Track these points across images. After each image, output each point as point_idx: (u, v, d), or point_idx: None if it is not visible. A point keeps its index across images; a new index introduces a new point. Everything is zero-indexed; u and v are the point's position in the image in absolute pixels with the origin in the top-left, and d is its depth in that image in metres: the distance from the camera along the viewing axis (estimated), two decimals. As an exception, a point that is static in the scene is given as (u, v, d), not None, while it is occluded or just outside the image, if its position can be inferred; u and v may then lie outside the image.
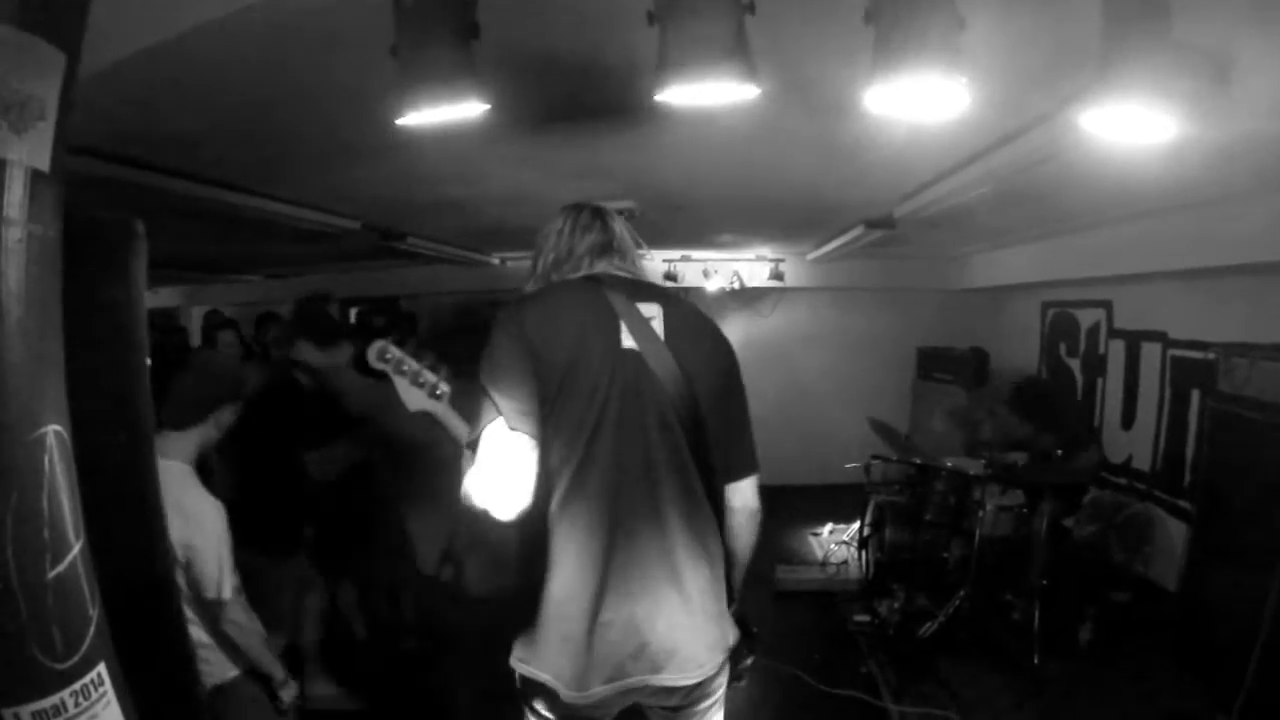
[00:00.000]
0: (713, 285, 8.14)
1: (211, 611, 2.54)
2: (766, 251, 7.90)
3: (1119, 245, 5.15)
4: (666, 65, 1.70)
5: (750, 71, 1.72)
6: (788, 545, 6.48)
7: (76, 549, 1.19)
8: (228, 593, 2.53)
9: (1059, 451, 4.80)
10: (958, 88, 1.71)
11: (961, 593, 4.61)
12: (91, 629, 1.21)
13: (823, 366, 7.51)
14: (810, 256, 7.69)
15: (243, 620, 2.60)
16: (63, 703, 1.15)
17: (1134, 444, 5.64)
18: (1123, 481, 5.68)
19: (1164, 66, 1.69)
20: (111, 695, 1.23)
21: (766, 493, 2.00)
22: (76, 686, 1.17)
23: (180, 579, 2.41)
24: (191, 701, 1.80)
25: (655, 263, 8.00)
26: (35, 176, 1.11)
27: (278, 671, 2.76)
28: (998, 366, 6.97)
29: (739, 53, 1.70)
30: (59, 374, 1.19)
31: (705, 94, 1.77)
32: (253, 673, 2.73)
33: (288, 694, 2.79)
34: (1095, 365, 6.20)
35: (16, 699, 1.11)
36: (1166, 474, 5.29)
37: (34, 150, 1.11)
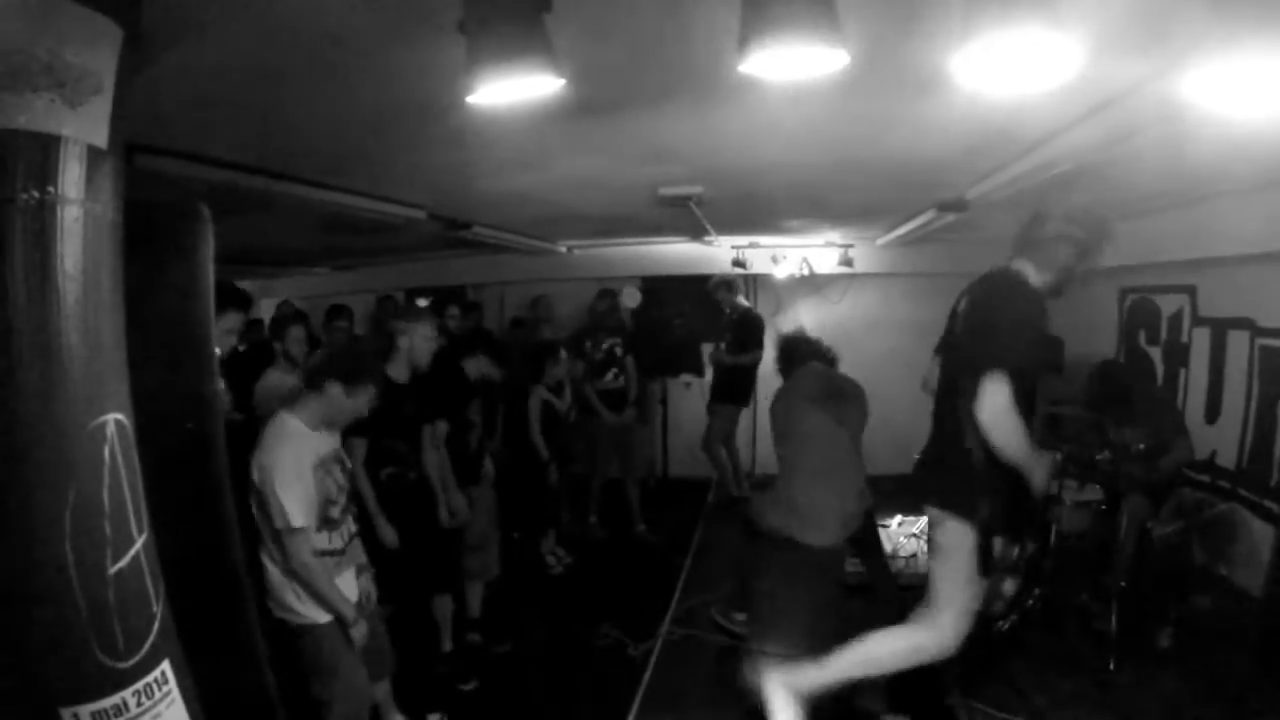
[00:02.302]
0: (781, 272, 8.07)
1: (281, 544, 2.76)
2: (835, 237, 7.78)
3: (1203, 227, 4.90)
4: (750, 33, 1.59)
5: (839, 37, 1.60)
6: (855, 537, 6.30)
7: (140, 543, 1.14)
8: (295, 521, 2.72)
9: (1140, 446, 4.58)
10: (1060, 47, 1.58)
11: (1035, 591, 4.45)
12: (155, 626, 1.16)
13: (893, 354, 7.33)
14: (880, 241, 7.55)
15: (307, 559, 2.81)
16: (124, 703, 1.11)
17: (1219, 439, 5.38)
18: (1206, 479, 5.42)
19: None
20: (176, 694, 1.19)
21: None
22: (139, 686, 1.13)
23: (257, 513, 2.73)
24: (262, 694, 1.77)
25: (723, 249, 7.91)
26: (92, 153, 1.07)
27: (347, 611, 2.95)
28: (1073, 354, 6.72)
29: (827, 16, 1.59)
30: (120, 360, 1.15)
31: (792, 63, 1.66)
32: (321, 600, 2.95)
33: (357, 634, 2.99)
34: (1177, 355, 5.94)
35: (76, 699, 1.07)
36: (1253, 472, 5.04)
37: (90, 126, 1.06)
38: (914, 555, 5.60)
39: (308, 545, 2.82)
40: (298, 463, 2.82)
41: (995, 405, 2.83)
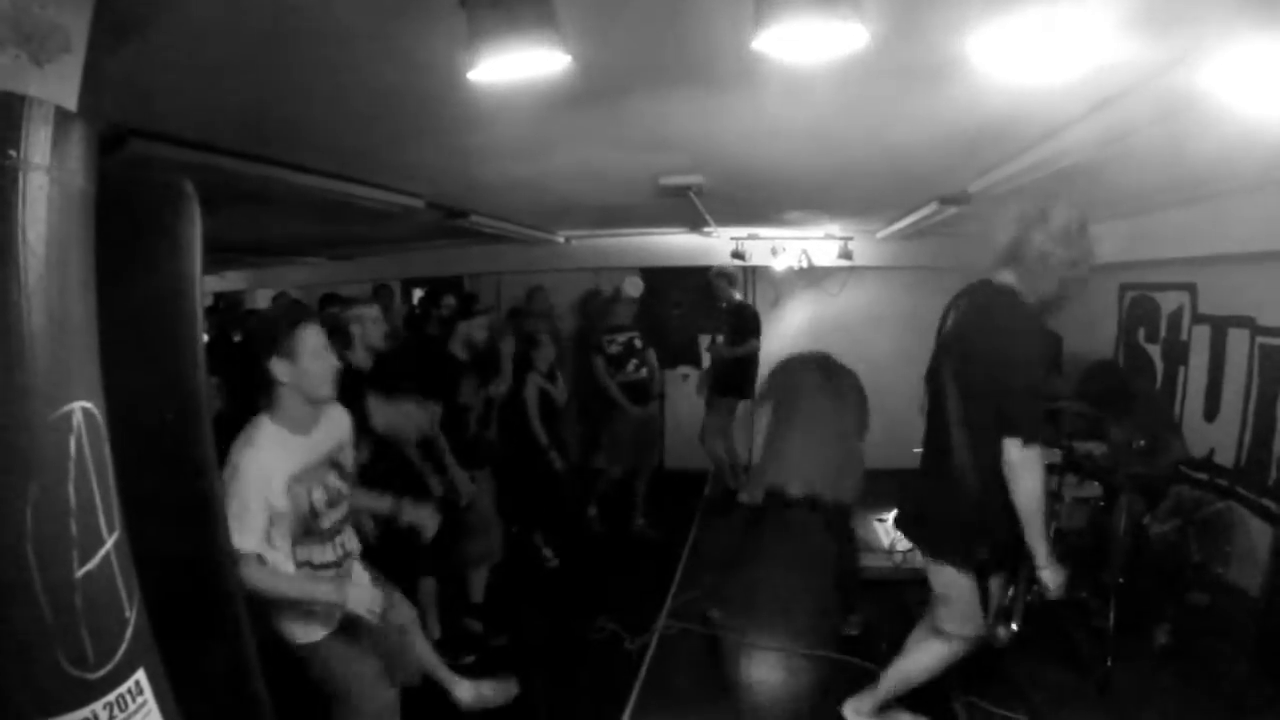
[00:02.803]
0: (780, 264, 8.02)
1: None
2: (835, 230, 7.72)
3: (1204, 224, 4.86)
4: (767, 7, 1.52)
5: (857, 12, 1.53)
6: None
7: (110, 543, 1.05)
8: (240, 544, 2.30)
9: (1141, 443, 4.54)
10: (1072, 34, 1.53)
11: (1034, 588, 4.40)
12: (128, 632, 1.07)
13: (892, 348, 7.32)
14: (880, 235, 7.51)
15: (259, 580, 2.42)
16: (94, 716, 1.01)
17: (1217, 437, 5.34)
18: (1204, 477, 5.39)
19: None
20: (152, 705, 1.10)
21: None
22: (111, 697, 1.04)
23: None
24: (252, 703, 1.68)
25: (722, 240, 7.85)
26: (60, 115, 0.97)
27: (328, 593, 2.64)
28: (1072, 351, 6.69)
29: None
30: (90, 343, 1.05)
31: (808, 39, 1.59)
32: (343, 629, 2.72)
33: (355, 601, 2.64)
34: (1177, 352, 5.90)
35: (41, 713, 0.96)
36: (1252, 470, 5.01)
37: (59, 85, 0.97)
38: (911, 550, 5.56)
39: (255, 571, 2.42)
40: (260, 475, 2.48)
41: (1024, 461, 2.74)
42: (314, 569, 2.73)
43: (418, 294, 9.56)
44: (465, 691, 3.56)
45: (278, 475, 2.55)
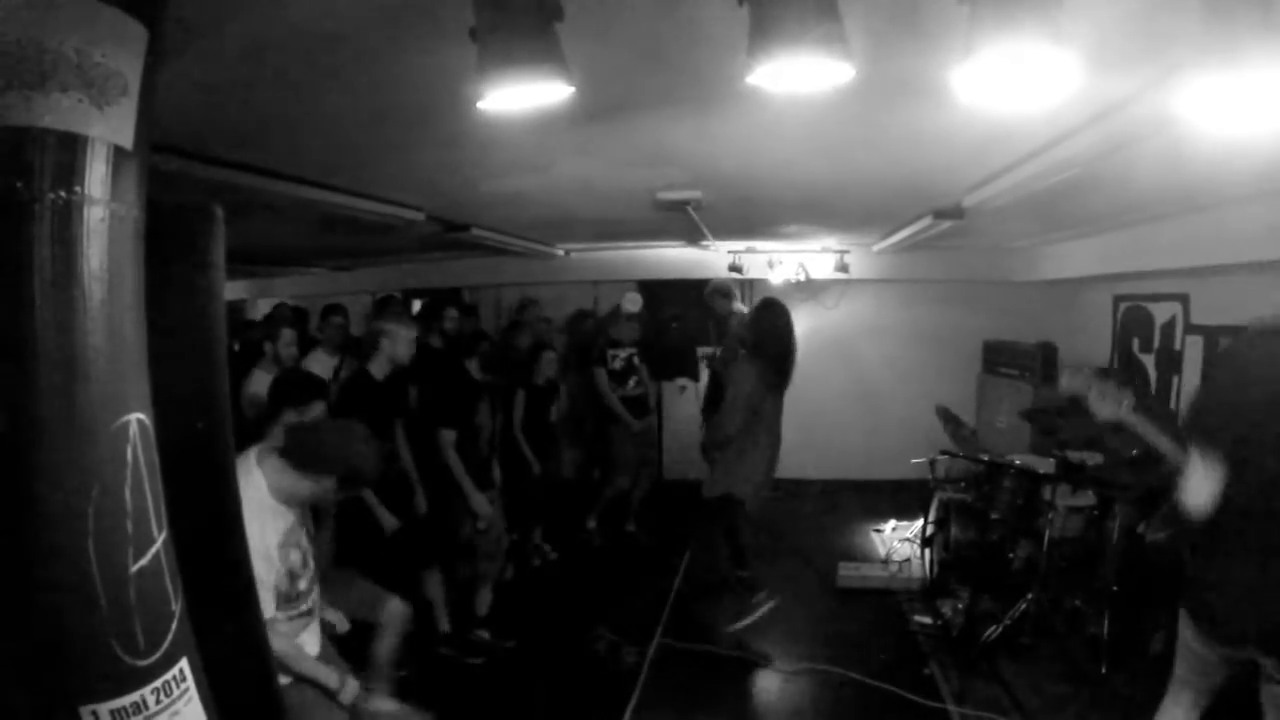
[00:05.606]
0: (777, 277, 8.07)
1: None
2: (832, 243, 7.78)
3: (1197, 235, 4.92)
4: (758, 46, 1.61)
5: (846, 50, 1.62)
6: (850, 541, 6.42)
7: (160, 542, 1.15)
8: (265, 611, 2.27)
9: (1134, 452, 4.60)
10: (1058, 61, 1.60)
11: (1028, 596, 4.47)
12: (174, 624, 1.17)
13: (888, 360, 7.41)
14: (876, 248, 7.55)
15: (281, 647, 2.46)
16: (143, 700, 1.11)
17: (1210, 445, 5.39)
18: (1197, 484, 5.44)
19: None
20: (193, 691, 1.20)
21: (828, 487, 1.98)
22: (158, 683, 1.13)
23: None
24: (269, 699, 1.77)
25: (719, 253, 7.93)
26: (118, 154, 1.08)
27: (332, 680, 2.67)
28: (1066, 361, 6.77)
29: (834, 31, 1.61)
30: (142, 360, 1.15)
31: (799, 76, 1.68)
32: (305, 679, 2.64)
33: (347, 695, 2.69)
34: (1170, 362, 5.97)
35: (95, 696, 1.07)
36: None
37: (116, 126, 1.07)
38: (907, 560, 5.63)
39: (277, 639, 2.40)
40: (262, 540, 2.45)
41: None
42: (298, 617, 2.68)
43: (416, 305, 9.60)
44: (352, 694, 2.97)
45: (272, 541, 2.54)
